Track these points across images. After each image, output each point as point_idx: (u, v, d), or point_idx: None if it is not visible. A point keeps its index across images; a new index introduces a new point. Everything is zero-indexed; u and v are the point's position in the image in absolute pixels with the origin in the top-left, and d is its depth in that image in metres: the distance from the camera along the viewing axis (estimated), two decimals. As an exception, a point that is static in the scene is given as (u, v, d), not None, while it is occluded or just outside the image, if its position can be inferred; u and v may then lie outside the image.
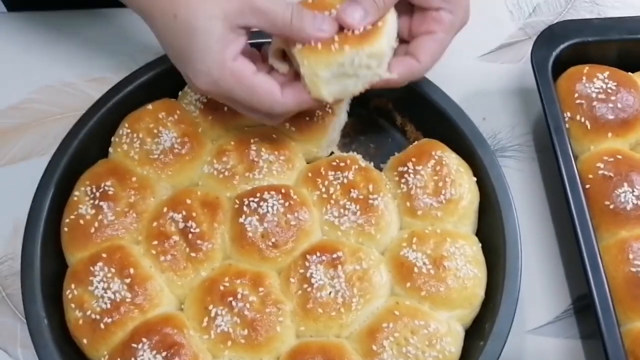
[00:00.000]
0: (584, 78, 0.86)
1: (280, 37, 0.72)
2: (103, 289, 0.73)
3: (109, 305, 0.72)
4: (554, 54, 0.86)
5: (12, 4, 1.07)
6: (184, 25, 0.68)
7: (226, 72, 0.69)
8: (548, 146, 0.83)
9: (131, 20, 0.94)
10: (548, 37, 0.87)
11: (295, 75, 0.73)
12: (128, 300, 0.72)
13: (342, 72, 0.70)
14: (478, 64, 0.97)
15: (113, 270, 0.73)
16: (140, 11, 0.72)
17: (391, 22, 0.73)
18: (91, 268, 0.74)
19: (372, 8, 0.71)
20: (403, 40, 0.77)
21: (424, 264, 0.75)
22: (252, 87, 0.70)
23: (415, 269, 0.74)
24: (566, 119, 0.85)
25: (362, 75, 0.71)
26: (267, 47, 0.76)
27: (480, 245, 0.78)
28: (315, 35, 0.70)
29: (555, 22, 0.92)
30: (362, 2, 0.71)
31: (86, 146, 0.81)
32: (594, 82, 0.85)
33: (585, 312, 0.82)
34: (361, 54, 0.69)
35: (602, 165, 0.81)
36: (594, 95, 0.85)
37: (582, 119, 0.84)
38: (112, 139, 0.82)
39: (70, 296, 0.73)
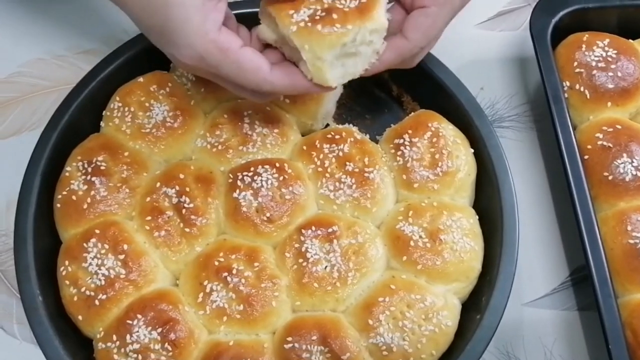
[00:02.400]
0: (584, 46, 0.84)
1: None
2: (97, 265, 0.71)
3: (103, 282, 0.71)
4: (553, 21, 0.84)
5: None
6: (157, 1, 0.64)
7: (210, 45, 0.65)
8: (546, 116, 0.81)
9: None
10: (547, 3, 0.85)
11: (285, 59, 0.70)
12: (122, 276, 0.71)
13: (344, 51, 0.67)
14: (475, 32, 0.95)
15: (107, 246, 0.72)
16: None
17: None
18: (84, 244, 0.72)
19: None
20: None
21: (420, 237, 0.74)
22: (238, 61, 0.66)
23: (412, 243, 0.73)
24: (565, 88, 0.83)
25: (363, 52, 0.68)
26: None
27: (477, 217, 0.77)
28: None
29: (555, -12, 0.89)
30: None
31: (77, 120, 0.79)
32: (593, 50, 0.83)
33: (582, 284, 0.81)
34: (363, 31, 0.66)
35: (601, 136, 0.80)
36: (593, 63, 0.83)
37: (582, 88, 0.82)
38: (104, 112, 0.80)
39: (64, 273, 0.72)
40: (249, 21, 0.72)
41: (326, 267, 0.72)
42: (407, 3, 0.72)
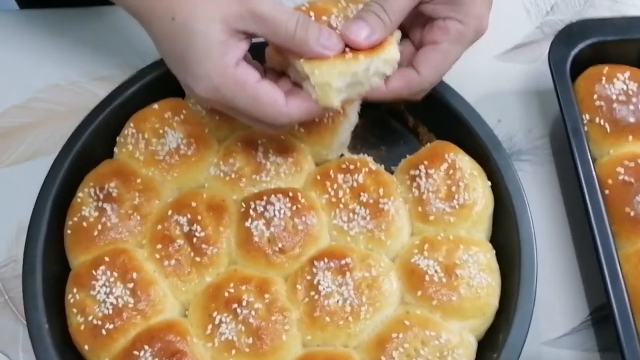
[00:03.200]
0: (604, 79, 0.81)
1: (280, 47, 0.67)
2: (105, 293, 0.69)
3: (111, 311, 0.69)
4: (572, 53, 0.82)
5: (24, 0, 1.03)
6: (182, 27, 0.63)
7: (228, 78, 0.64)
8: (566, 149, 0.78)
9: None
10: (566, 36, 0.83)
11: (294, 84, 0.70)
12: (130, 305, 0.69)
13: (354, 80, 0.66)
14: (493, 64, 0.93)
15: (116, 274, 0.70)
16: (137, 14, 0.68)
17: (396, 31, 0.70)
18: (93, 272, 0.70)
19: (378, 26, 0.67)
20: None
21: (436, 271, 0.71)
22: (255, 95, 0.65)
23: (427, 277, 0.71)
24: (585, 121, 0.81)
25: (373, 82, 0.68)
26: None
27: (494, 252, 0.74)
28: (319, 51, 0.65)
29: (573, 20, 0.88)
30: (367, 19, 0.67)
31: (91, 146, 0.78)
32: (614, 83, 0.81)
33: (603, 323, 0.77)
34: (375, 62, 0.66)
35: (622, 170, 0.77)
36: (614, 96, 0.80)
37: (602, 122, 0.80)
38: (117, 139, 0.79)
39: (72, 301, 0.70)
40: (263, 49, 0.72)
41: (338, 300, 0.69)
42: (417, 39, 0.73)
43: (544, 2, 0.98)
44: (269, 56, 0.71)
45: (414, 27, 0.73)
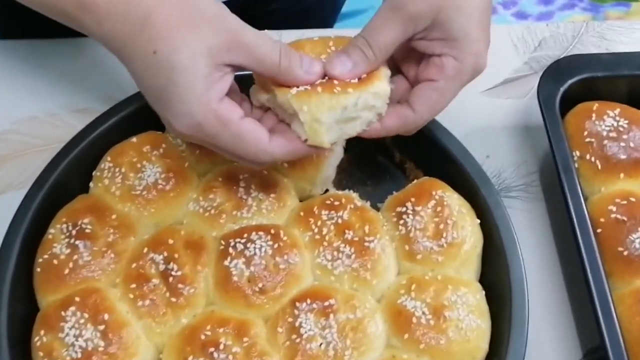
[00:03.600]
0: (594, 115, 0.80)
1: (266, 76, 0.65)
2: (74, 336, 0.65)
3: (80, 355, 0.65)
4: (562, 89, 0.80)
5: (4, 31, 1.01)
6: (164, 61, 0.61)
7: (210, 114, 0.62)
8: (556, 186, 0.76)
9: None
10: (555, 71, 0.82)
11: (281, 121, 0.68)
12: (101, 349, 0.65)
13: (344, 115, 0.64)
14: (481, 99, 0.91)
15: (86, 315, 0.66)
16: (118, 50, 0.65)
17: (385, 68, 0.68)
18: (62, 313, 0.67)
19: (361, 60, 0.65)
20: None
21: (423, 313, 0.68)
22: (238, 133, 0.63)
23: (414, 319, 0.68)
24: (575, 158, 0.78)
25: (363, 116, 0.66)
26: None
27: (483, 292, 0.71)
28: (304, 78, 0.64)
29: (562, 56, 0.86)
30: (350, 53, 0.65)
31: (66, 180, 0.75)
32: (604, 120, 0.79)
33: (597, 367, 0.74)
34: (365, 95, 0.64)
35: (614, 208, 0.74)
36: (604, 133, 0.78)
37: (592, 159, 0.78)
38: (94, 173, 0.76)
39: (38, 343, 0.66)
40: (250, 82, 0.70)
41: (321, 344, 0.66)
42: (411, 76, 0.71)
43: (532, 37, 0.97)
44: (255, 94, 0.69)
45: (408, 63, 0.71)
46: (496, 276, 0.72)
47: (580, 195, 0.74)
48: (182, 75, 0.61)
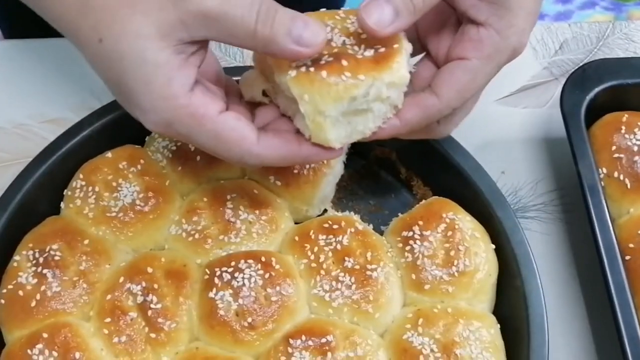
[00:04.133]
0: (623, 127, 0.78)
1: (244, 48, 0.59)
2: (42, 377, 0.64)
3: (47, 399, 0.63)
4: (588, 98, 0.79)
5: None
6: (112, 51, 0.55)
7: (180, 110, 0.56)
8: (578, 206, 0.76)
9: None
10: (580, 78, 0.80)
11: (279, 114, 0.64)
12: (72, 391, 0.64)
13: (352, 107, 0.59)
14: (496, 109, 0.90)
15: (55, 354, 0.65)
16: (69, 37, 0.60)
17: (406, 42, 0.62)
18: (29, 351, 0.65)
19: (405, 7, 0.57)
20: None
21: (432, 351, 0.67)
22: (215, 133, 0.58)
23: (421, 357, 0.66)
24: (601, 175, 0.77)
25: (376, 110, 0.61)
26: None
27: (498, 326, 0.70)
28: (294, 50, 0.55)
29: (585, 61, 0.85)
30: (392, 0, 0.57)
31: (33, 200, 0.73)
32: (635, 133, 0.78)
33: (625, 411, 0.72)
34: (378, 84, 0.59)
35: (644, 233, 0.73)
36: (635, 148, 0.77)
37: (621, 176, 0.76)
38: (65, 192, 0.75)
39: (3, 384, 0.65)
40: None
41: (318, 386, 0.64)
42: (441, 56, 0.64)
43: (552, 39, 0.96)
44: (246, 84, 0.64)
45: (437, 37, 0.64)
46: (512, 308, 0.71)
47: (607, 217, 0.73)
48: (135, 67, 0.55)
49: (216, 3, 0.54)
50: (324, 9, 0.65)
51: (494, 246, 0.73)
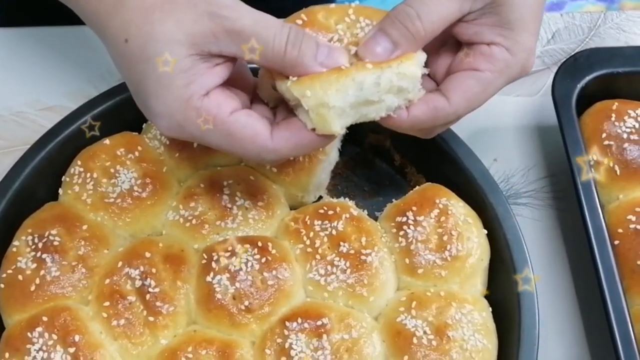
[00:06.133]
0: (613, 115, 0.80)
1: (269, 69, 0.61)
2: (42, 359, 0.65)
3: (48, 381, 0.64)
4: (579, 86, 0.80)
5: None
6: (137, 53, 0.57)
7: (191, 113, 0.58)
8: (569, 193, 0.77)
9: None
10: (571, 67, 0.81)
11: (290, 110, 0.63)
12: (71, 374, 0.65)
13: (363, 97, 0.59)
14: None
15: (55, 336, 0.66)
16: (97, 33, 0.62)
17: (420, 51, 0.63)
18: (29, 334, 0.66)
19: (404, 38, 0.59)
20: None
21: (425, 333, 0.68)
22: (228, 132, 0.59)
23: (415, 339, 0.68)
24: (592, 162, 0.78)
25: (388, 101, 0.61)
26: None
27: (490, 310, 0.72)
28: (317, 70, 0.58)
29: (577, 50, 0.86)
30: (388, 31, 0.59)
31: (32, 186, 0.74)
32: (624, 120, 0.79)
33: (613, 391, 0.74)
34: (388, 74, 0.59)
35: (633, 218, 0.75)
36: (624, 135, 0.78)
37: (611, 163, 0.78)
38: (63, 178, 0.76)
39: (3, 367, 0.66)
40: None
41: (313, 367, 0.66)
42: (439, 75, 0.66)
43: (545, 29, 0.97)
44: (262, 85, 0.65)
45: (437, 56, 0.66)
46: (504, 292, 0.72)
47: (597, 203, 0.74)
48: (157, 70, 0.57)
49: (250, 22, 0.56)
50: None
51: (486, 231, 0.74)
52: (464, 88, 0.63)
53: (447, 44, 0.67)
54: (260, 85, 0.65)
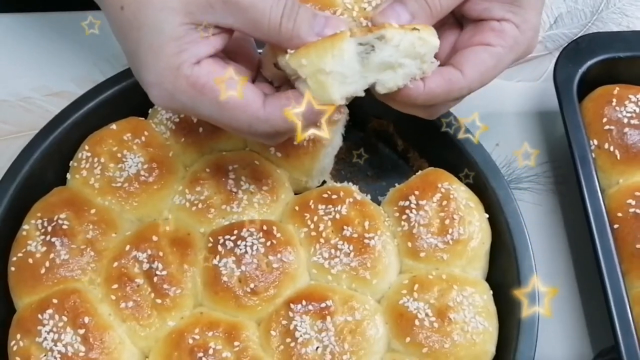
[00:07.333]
0: (614, 100, 0.80)
1: (265, 42, 0.60)
2: (53, 340, 0.66)
3: (58, 360, 0.66)
4: (580, 71, 0.81)
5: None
6: (131, 19, 0.57)
7: (181, 81, 0.56)
8: (570, 177, 0.78)
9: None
10: (573, 52, 0.82)
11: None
12: (82, 354, 0.66)
13: (379, 61, 0.57)
14: (490, 82, 0.88)
15: (65, 318, 0.67)
16: (96, 1, 0.62)
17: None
18: (39, 316, 0.67)
19: (422, 10, 0.59)
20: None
21: (427, 315, 0.69)
22: (217, 100, 0.57)
23: (417, 321, 0.69)
24: (592, 147, 0.79)
25: (407, 66, 0.59)
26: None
27: (491, 292, 0.72)
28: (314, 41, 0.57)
29: (579, 35, 0.86)
30: (407, 2, 0.58)
31: (40, 171, 0.75)
32: (625, 105, 0.79)
33: (611, 370, 0.75)
34: (410, 37, 0.57)
35: (633, 202, 0.75)
36: (625, 120, 0.79)
37: (611, 148, 0.79)
38: (70, 163, 0.77)
39: (15, 348, 0.67)
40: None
41: (317, 348, 0.67)
42: (441, 55, 0.65)
43: (547, 14, 0.97)
44: (265, 63, 0.63)
45: (439, 33, 0.65)
46: (504, 275, 0.73)
47: (597, 187, 0.75)
48: (150, 36, 0.56)
49: None
50: None
51: (487, 215, 0.75)
52: (477, 62, 0.63)
53: (447, 24, 0.67)
54: (263, 63, 0.65)
